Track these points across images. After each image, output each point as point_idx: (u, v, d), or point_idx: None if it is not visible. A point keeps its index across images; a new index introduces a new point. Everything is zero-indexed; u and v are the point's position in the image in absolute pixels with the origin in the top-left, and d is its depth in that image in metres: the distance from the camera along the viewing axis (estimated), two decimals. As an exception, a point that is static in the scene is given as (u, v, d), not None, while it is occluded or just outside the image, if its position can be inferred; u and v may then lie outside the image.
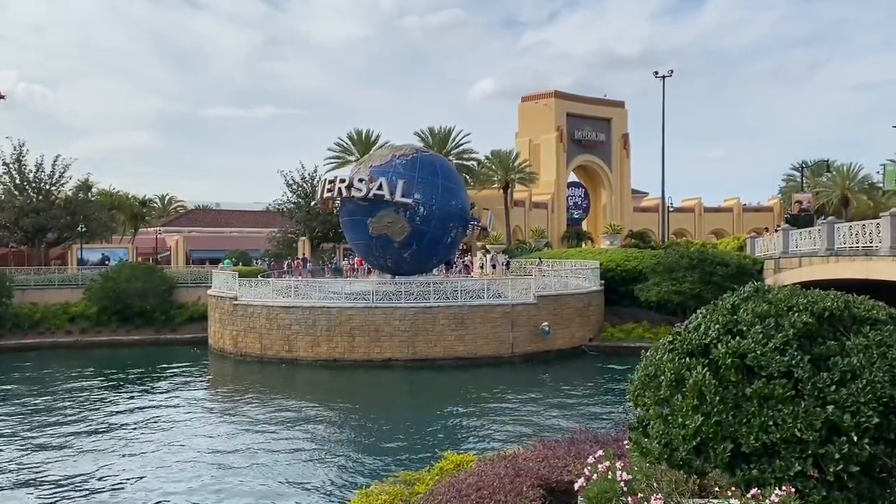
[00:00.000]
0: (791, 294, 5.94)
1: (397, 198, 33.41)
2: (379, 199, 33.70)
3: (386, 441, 20.41)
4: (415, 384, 29.28)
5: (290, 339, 32.50)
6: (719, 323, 5.76)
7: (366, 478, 15.84)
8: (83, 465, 18.01)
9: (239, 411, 24.23)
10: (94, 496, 15.76)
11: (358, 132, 62.29)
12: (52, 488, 16.28)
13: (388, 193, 33.47)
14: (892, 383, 5.01)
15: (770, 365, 5.23)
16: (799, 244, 33.96)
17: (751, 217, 77.14)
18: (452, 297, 32.62)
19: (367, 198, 34.00)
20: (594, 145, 72.58)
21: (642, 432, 5.98)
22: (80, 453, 19.08)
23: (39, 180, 53.15)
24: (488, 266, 42.65)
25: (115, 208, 64.87)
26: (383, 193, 33.51)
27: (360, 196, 34.21)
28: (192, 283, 44.49)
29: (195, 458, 18.42)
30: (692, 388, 5.42)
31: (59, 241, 54.54)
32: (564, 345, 34.14)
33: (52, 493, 16.00)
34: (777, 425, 5.05)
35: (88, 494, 15.85)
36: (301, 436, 20.74)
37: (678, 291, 34.83)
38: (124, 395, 27.14)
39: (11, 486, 16.47)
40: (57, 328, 40.43)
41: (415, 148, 37.52)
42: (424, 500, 7.13)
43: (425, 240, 34.40)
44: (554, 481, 6.92)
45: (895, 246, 24.72)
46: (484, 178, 63.14)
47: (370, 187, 33.83)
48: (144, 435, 20.99)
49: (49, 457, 18.75)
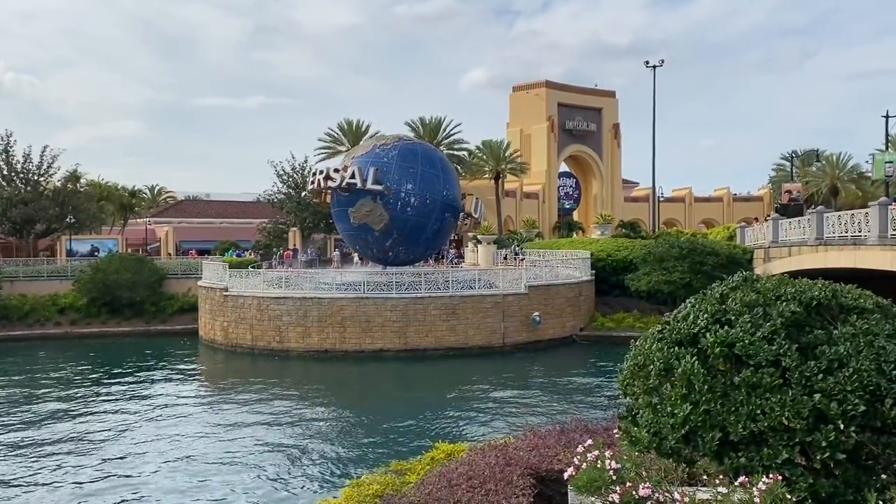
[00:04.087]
0: (779, 283, 5.97)
1: (369, 185, 33.23)
2: (352, 187, 33.69)
3: (377, 431, 20.45)
4: (406, 374, 29.32)
5: (280, 330, 32.46)
6: (708, 312, 5.78)
7: (357, 468, 15.88)
8: (71, 457, 17.94)
9: (229, 402, 24.19)
10: (81, 489, 15.71)
11: (348, 122, 62.13)
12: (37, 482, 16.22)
13: (360, 181, 33.37)
14: (878, 371, 5.05)
15: (758, 354, 5.26)
16: (788, 234, 34.13)
17: (741, 207, 77.49)
18: (444, 288, 32.66)
19: (340, 187, 34.04)
20: (585, 135, 72.66)
21: (632, 421, 6.01)
22: (68, 445, 19.00)
23: (27, 171, 52.81)
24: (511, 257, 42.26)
25: (104, 199, 64.51)
26: (356, 182, 33.47)
27: (335, 186, 34.31)
28: (182, 274, 44.35)
29: (185, 451, 18.39)
30: (681, 377, 5.45)
31: (47, 232, 54.24)
32: (555, 334, 34.24)
33: (37, 487, 15.95)
34: (765, 414, 5.08)
35: (76, 487, 15.80)
36: (292, 427, 20.74)
37: (668, 281, 34.98)
38: (114, 387, 27.04)
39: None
40: (46, 320, 40.25)
41: (398, 137, 37.34)
42: (415, 489, 7.15)
43: (406, 228, 34.06)
44: (544, 470, 6.95)
45: (883, 235, 24.88)
46: (475, 168, 63.13)
47: (343, 176, 33.89)
48: (134, 427, 20.92)
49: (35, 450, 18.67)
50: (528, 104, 70.41)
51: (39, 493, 15.44)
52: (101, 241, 57.01)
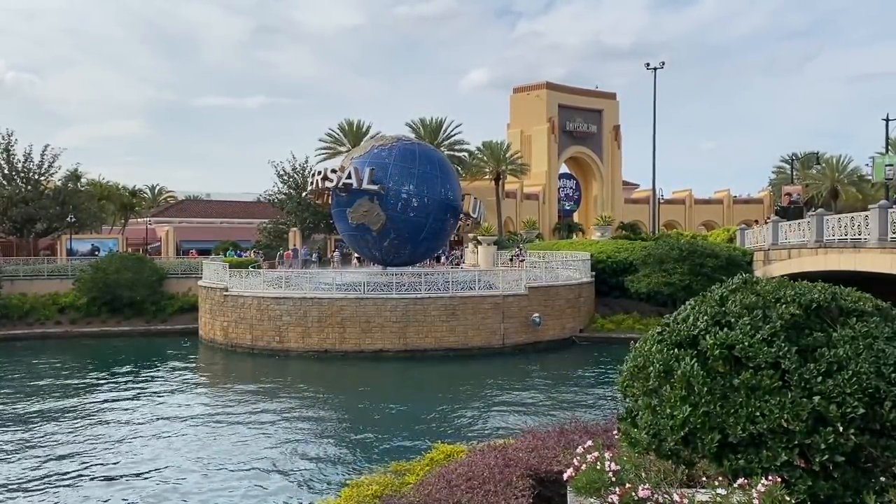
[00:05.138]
0: (779, 286, 5.97)
1: (365, 185, 33.25)
2: (349, 187, 33.73)
3: (376, 432, 20.44)
4: (405, 375, 29.33)
5: (280, 330, 32.47)
6: (708, 314, 5.79)
7: (356, 468, 15.89)
8: (70, 457, 17.93)
9: (229, 402, 24.21)
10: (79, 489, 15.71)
11: (349, 123, 62.15)
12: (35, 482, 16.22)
13: (356, 181, 33.40)
14: (877, 374, 5.05)
15: (757, 356, 5.26)
16: (788, 236, 34.13)
17: (741, 209, 77.53)
18: (444, 289, 32.67)
19: (337, 187, 34.11)
20: (585, 137, 72.68)
21: (631, 423, 6.02)
22: (67, 445, 19.01)
23: (28, 170, 52.87)
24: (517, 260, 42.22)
25: (105, 199, 64.57)
26: (352, 182, 33.50)
27: (332, 186, 34.39)
28: (182, 273, 44.36)
29: (183, 451, 18.39)
30: (680, 378, 5.46)
31: (48, 231, 54.28)
32: (555, 335, 34.24)
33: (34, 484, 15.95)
34: (764, 416, 5.09)
35: (73, 487, 15.80)
36: (291, 427, 20.75)
37: (668, 283, 35.00)
38: (113, 387, 27.05)
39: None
40: (46, 319, 40.27)
41: (396, 138, 37.36)
42: (415, 490, 7.16)
43: (403, 228, 34.03)
44: (543, 471, 6.96)
45: (883, 238, 24.88)
46: (475, 169, 63.16)
47: (340, 177, 33.93)
48: (132, 426, 20.94)
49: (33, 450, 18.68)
50: (528, 105, 70.44)
51: (37, 493, 15.44)
52: (101, 240, 57.01)
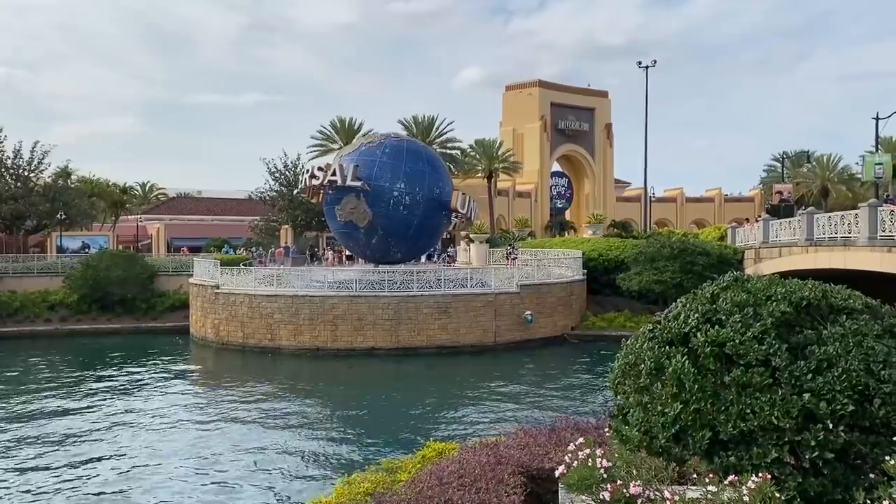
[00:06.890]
0: (769, 283, 5.99)
1: (349, 181, 33.32)
2: (333, 184, 33.80)
3: (368, 429, 20.44)
4: (398, 373, 29.32)
5: (272, 328, 32.39)
6: (699, 312, 5.80)
7: (348, 466, 15.87)
8: (59, 456, 17.86)
9: (221, 400, 24.14)
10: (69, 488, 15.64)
11: (341, 120, 61.95)
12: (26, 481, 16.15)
13: (340, 178, 33.47)
14: (867, 371, 5.08)
15: (748, 353, 5.28)
16: (779, 234, 34.28)
17: (732, 207, 77.70)
18: (436, 286, 32.67)
19: (323, 184, 34.20)
20: (578, 135, 72.71)
21: (622, 420, 6.03)
22: (56, 445, 18.92)
23: (18, 167, 52.42)
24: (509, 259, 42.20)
25: (95, 195, 64.10)
26: (336, 179, 33.55)
27: (318, 184, 34.51)
28: (173, 271, 44.20)
29: (174, 449, 18.35)
30: (671, 376, 5.47)
31: (38, 228, 53.90)
32: (547, 333, 34.31)
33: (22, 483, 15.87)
34: (755, 413, 5.11)
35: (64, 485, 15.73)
36: (283, 424, 20.71)
37: (659, 281, 35.10)
38: (104, 385, 26.93)
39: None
40: (36, 316, 40.07)
41: (385, 135, 37.36)
42: (407, 487, 7.16)
43: (391, 225, 34.04)
44: (535, 468, 6.97)
45: (873, 236, 25.03)
46: (468, 167, 63.05)
47: (326, 174, 34.00)
48: (123, 425, 20.85)
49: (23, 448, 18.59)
50: (520, 103, 70.39)
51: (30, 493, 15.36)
52: (91, 237, 56.76)
